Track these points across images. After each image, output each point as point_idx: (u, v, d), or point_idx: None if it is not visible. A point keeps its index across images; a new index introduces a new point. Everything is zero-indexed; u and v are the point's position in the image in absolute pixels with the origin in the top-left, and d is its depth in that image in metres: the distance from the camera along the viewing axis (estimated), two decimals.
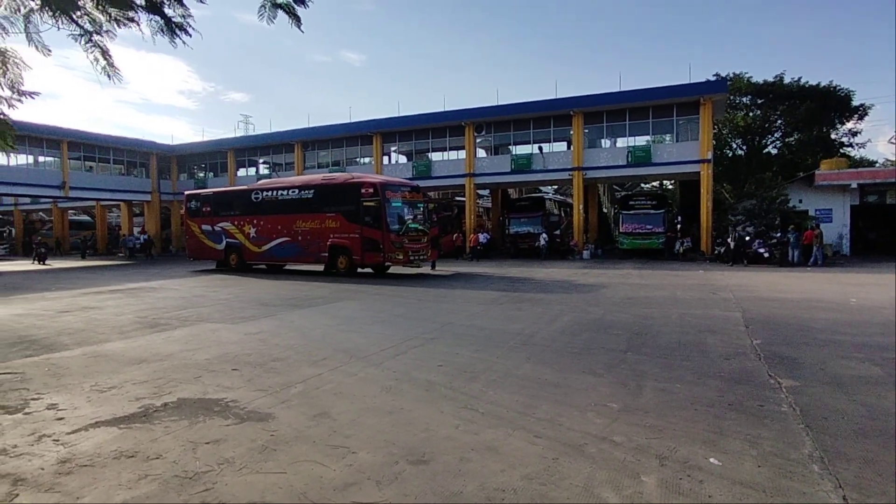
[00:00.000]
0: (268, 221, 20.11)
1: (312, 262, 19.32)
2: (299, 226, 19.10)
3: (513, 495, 3.10)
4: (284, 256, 19.93)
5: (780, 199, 24.79)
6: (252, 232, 20.54)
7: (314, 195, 18.91)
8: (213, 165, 39.80)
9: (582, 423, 4.24)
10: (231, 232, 21.24)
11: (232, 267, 21.29)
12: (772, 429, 4.09)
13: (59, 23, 3.85)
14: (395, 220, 17.28)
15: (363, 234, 17.40)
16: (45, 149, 32.99)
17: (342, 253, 18.06)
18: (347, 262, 17.96)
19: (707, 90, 25.51)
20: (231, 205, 21.69)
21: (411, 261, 17.55)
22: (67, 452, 3.79)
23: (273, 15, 4.43)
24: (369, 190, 17.27)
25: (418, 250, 17.84)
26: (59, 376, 5.86)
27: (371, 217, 17.23)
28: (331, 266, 18.56)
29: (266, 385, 5.39)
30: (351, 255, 17.80)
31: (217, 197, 22.75)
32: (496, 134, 30.73)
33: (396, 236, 17.06)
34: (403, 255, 17.18)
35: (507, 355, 6.59)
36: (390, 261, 17.34)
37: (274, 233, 19.86)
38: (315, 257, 18.86)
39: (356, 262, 17.83)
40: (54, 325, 9.23)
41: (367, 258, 17.58)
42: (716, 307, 10.39)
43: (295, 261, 19.95)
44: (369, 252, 17.38)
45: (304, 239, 19.00)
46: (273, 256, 20.23)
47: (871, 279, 15.54)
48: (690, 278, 16.29)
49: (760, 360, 6.20)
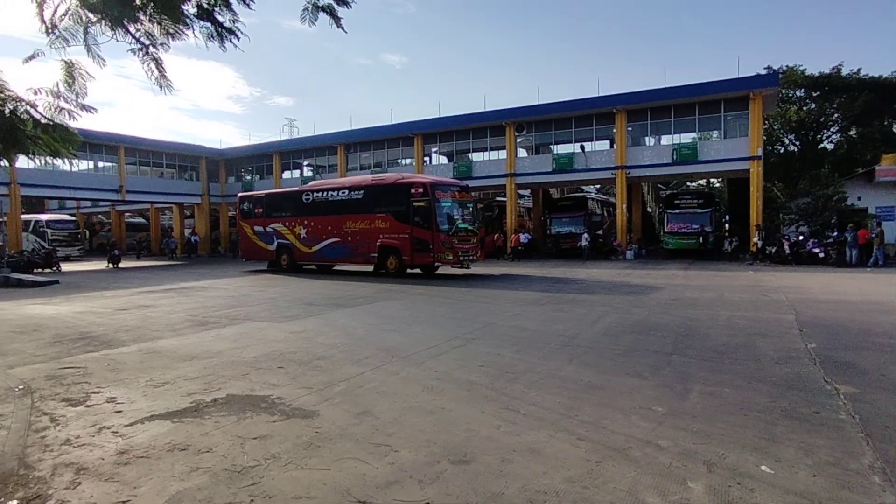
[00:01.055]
0: (318, 222, 20.32)
1: (362, 262, 19.32)
2: (349, 226, 19.21)
3: (555, 498, 3.07)
4: (334, 257, 20.07)
5: (837, 196, 23.66)
6: (303, 233, 20.75)
7: (364, 196, 19.00)
8: (260, 168, 40.90)
9: (626, 427, 4.16)
10: (282, 233, 21.51)
11: (283, 267, 21.51)
12: (828, 437, 3.91)
13: (117, 35, 4.04)
14: (445, 219, 17.18)
15: (413, 234, 17.33)
16: (104, 154, 34.66)
17: (392, 253, 18.06)
18: (397, 263, 17.95)
19: (757, 84, 24.57)
20: (282, 206, 21.96)
21: (461, 261, 17.40)
22: (125, 444, 3.97)
23: (315, 17, 4.51)
24: (419, 190, 17.22)
25: (468, 250, 17.66)
26: (117, 371, 6.14)
27: (421, 217, 17.18)
28: (380, 266, 18.58)
29: (310, 383, 5.50)
30: (400, 255, 17.76)
31: (269, 198, 23.04)
32: (537, 133, 30.45)
33: (446, 236, 16.96)
34: (453, 255, 17.08)
35: (548, 356, 6.52)
36: (440, 261, 17.22)
37: (324, 233, 20.07)
38: (365, 258, 18.90)
39: (406, 263, 17.78)
40: (112, 322, 9.68)
41: (417, 258, 17.50)
42: (767, 309, 10.01)
43: (345, 261, 20.03)
44: (419, 252, 17.31)
45: (353, 239, 19.11)
46: (323, 257, 20.40)
47: None
48: (739, 279, 15.74)
49: (816, 365, 5.94)
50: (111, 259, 26.20)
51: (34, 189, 31.57)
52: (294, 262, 21.34)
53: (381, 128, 34.07)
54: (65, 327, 9.19)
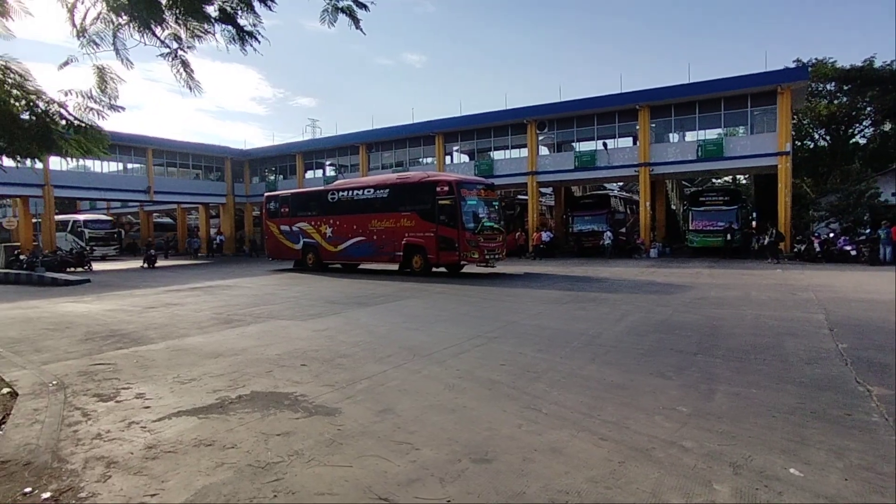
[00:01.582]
0: (343, 221, 20.36)
1: (387, 261, 19.29)
2: (374, 225, 19.20)
3: (577, 498, 3.05)
4: (360, 256, 20.10)
5: (870, 192, 23.01)
6: (328, 232, 20.85)
7: (389, 194, 18.96)
8: (283, 168, 41.39)
9: (649, 427, 4.11)
10: (308, 232, 21.63)
11: (309, 266, 21.64)
12: (860, 440, 3.81)
13: (145, 38, 4.13)
14: (471, 218, 17.07)
15: (438, 232, 17.26)
16: (132, 156, 35.48)
17: (417, 252, 18.01)
18: (422, 262, 17.90)
19: (785, 78, 24.01)
20: (308, 205, 22.07)
21: (487, 260, 17.30)
22: (153, 439, 4.06)
23: (334, 18, 4.54)
24: (445, 188, 17.13)
25: (493, 249, 17.58)
26: (145, 368, 6.28)
27: (446, 216, 17.08)
28: (405, 265, 18.54)
29: (333, 380, 5.55)
30: (426, 254, 17.71)
31: (295, 198, 23.12)
32: (559, 131, 30.22)
33: (472, 235, 16.85)
34: (479, 253, 16.99)
35: (570, 355, 6.48)
36: (466, 259, 17.09)
37: (349, 232, 20.09)
38: (390, 256, 18.88)
39: (431, 262, 17.73)
40: (141, 320, 9.90)
41: (443, 257, 17.42)
42: (795, 308, 9.78)
43: (370, 260, 20.03)
44: (444, 251, 17.23)
45: (378, 238, 19.09)
46: (349, 256, 20.45)
47: None
48: (767, 278, 15.41)
49: (847, 366, 5.79)
50: (147, 259, 25.67)
51: (67, 190, 32.44)
52: (320, 261, 21.44)
53: (403, 127, 34.18)
54: (96, 325, 9.43)
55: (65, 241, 33.80)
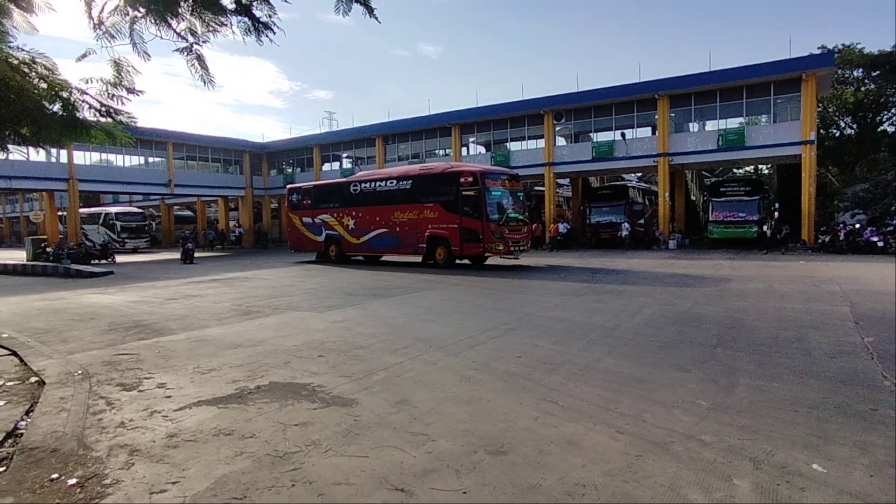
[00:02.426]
0: (366, 213, 20.19)
1: (410, 253, 19.10)
2: (397, 217, 19.03)
3: (594, 491, 3.03)
4: (382, 248, 19.95)
5: None
6: (351, 224, 20.68)
7: (412, 185, 18.74)
8: (300, 161, 41.66)
9: (668, 421, 4.06)
10: (330, 224, 21.50)
11: (331, 258, 21.54)
12: (887, 436, 3.73)
13: (161, 31, 4.17)
14: (495, 209, 16.80)
15: (462, 224, 17.01)
16: (153, 150, 35.94)
17: (440, 244, 17.80)
18: (446, 253, 17.69)
19: (810, 65, 23.41)
20: (330, 197, 21.90)
21: (511, 251, 17.01)
22: (175, 427, 4.13)
23: (349, 8, 4.53)
24: (469, 179, 16.85)
25: (518, 240, 17.28)
26: (167, 358, 6.39)
27: (470, 207, 16.82)
28: (428, 257, 18.33)
29: (350, 371, 5.59)
30: (449, 245, 17.48)
31: (317, 189, 23.00)
32: (576, 121, 29.92)
33: (496, 226, 16.58)
34: (504, 245, 16.71)
35: (587, 348, 6.44)
36: (490, 251, 16.86)
37: (372, 224, 19.92)
38: (413, 248, 18.71)
39: (455, 253, 17.48)
40: (162, 311, 10.07)
41: (467, 249, 17.18)
42: (820, 301, 9.59)
43: (393, 252, 19.88)
44: (469, 242, 16.98)
45: (401, 230, 18.93)
46: (371, 248, 20.30)
47: None
48: (789, 269, 15.13)
49: (873, 360, 5.67)
50: (185, 254, 23.46)
51: (90, 184, 33.04)
52: (342, 253, 21.34)
53: (419, 119, 34.14)
54: (119, 316, 9.61)
55: (97, 233, 34.25)
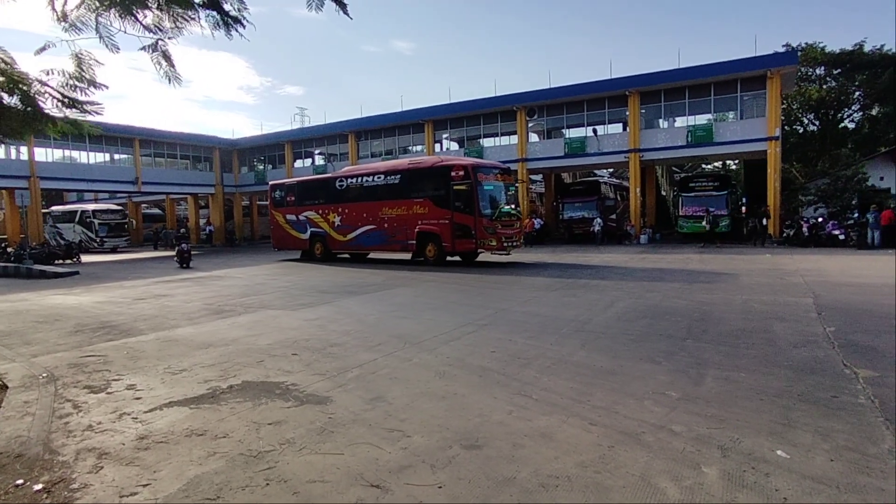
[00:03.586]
0: (353, 209, 19.59)
1: (399, 250, 18.51)
2: (385, 213, 18.41)
3: (567, 483, 3.08)
4: (370, 245, 19.35)
5: (858, 177, 23.18)
6: (337, 220, 20.09)
7: (400, 180, 18.15)
8: (272, 158, 41.11)
9: (639, 412, 4.15)
10: (315, 221, 20.88)
11: (317, 256, 20.94)
12: (847, 421, 3.87)
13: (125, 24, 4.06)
14: (488, 203, 16.25)
15: (454, 219, 16.48)
16: (119, 147, 34.99)
17: (431, 240, 17.26)
18: (436, 250, 17.15)
19: (775, 63, 24.03)
20: (315, 193, 21.24)
21: (505, 247, 16.45)
22: (145, 429, 4.06)
23: (321, 4, 4.47)
24: (460, 173, 16.27)
25: (511, 236, 16.79)
26: (136, 359, 6.26)
27: (462, 201, 16.25)
28: (418, 254, 17.79)
29: (324, 369, 5.56)
30: (440, 242, 16.96)
31: (301, 186, 22.27)
32: (549, 117, 30.15)
33: (489, 221, 16.02)
34: (497, 241, 16.15)
35: (561, 342, 6.51)
36: (483, 247, 16.30)
37: (359, 221, 19.33)
38: (402, 245, 18.13)
39: (446, 250, 16.95)
40: (131, 311, 9.84)
41: (458, 245, 16.66)
42: (784, 292, 9.88)
43: (381, 249, 19.24)
44: (460, 238, 16.47)
45: (390, 226, 18.33)
46: (359, 245, 19.70)
47: None
48: (756, 262, 15.54)
49: (834, 349, 5.86)
50: (180, 256, 19.74)
51: (53, 182, 31.96)
52: (328, 251, 20.72)
53: (392, 115, 33.98)
54: (85, 317, 9.37)
55: (73, 232, 32.98)
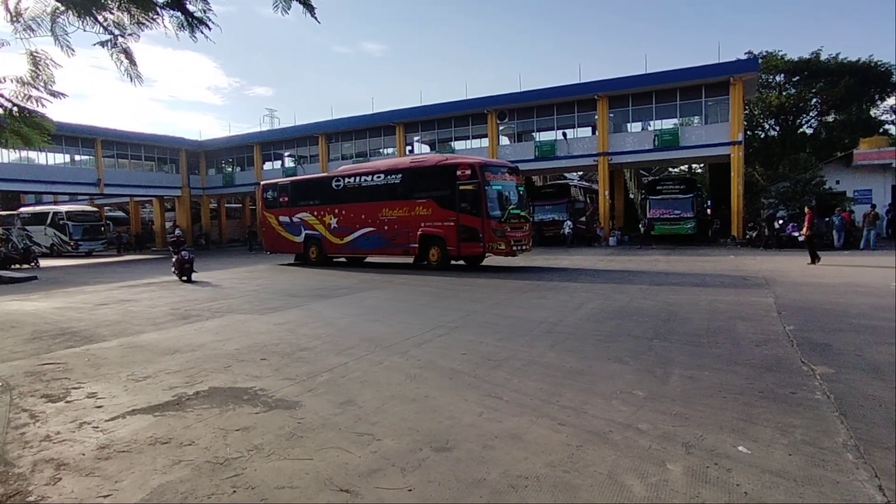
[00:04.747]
0: (350, 210, 18.53)
1: (400, 254, 17.57)
2: (385, 214, 17.41)
3: (536, 483, 3.11)
4: (369, 248, 18.34)
5: (816, 180, 24.02)
6: (333, 222, 19.01)
7: (402, 180, 17.19)
8: (240, 160, 40.47)
9: (607, 411, 4.21)
10: (310, 223, 19.77)
11: (312, 260, 19.84)
12: (804, 417, 4.00)
13: (84, 23, 3.94)
14: (496, 204, 15.42)
15: (460, 221, 15.56)
16: (80, 147, 33.96)
17: (435, 243, 16.30)
18: (440, 254, 16.21)
19: (737, 69, 24.76)
20: (310, 193, 20.15)
21: (514, 250, 15.66)
22: (106, 439, 3.94)
23: (287, 6, 4.42)
24: (466, 172, 15.43)
25: (520, 239, 15.96)
26: (97, 366, 6.07)
27: (468, 202, 15.36)
28: (421, 258, 16.87)
29: (293, 374, 5.49)
30: (445, 245, 15.99)
31: (295, 185, 21.17)
32: (519, 121, 30.45)
33: (498, 223, 15.18)
34: (506, 244, 15.33)
35: (531, 343, 6.57)
36: (491, 251, 15.45)
37: (357, 223, 18.28)
38: (403, 249, 17.18)
39: (451, 254, 16.04)
40: (93, 317, 9.55)
41: (465, 249, 15.75)
42: (747, 293, 10.17)
43: (381, 253, 18.22)
44: (467, 242, 15.55)
45: (390, 229, 17.33)
46: (357, 248, 18.66)
47: None
48: (721, 263, 15.95)
49: (793, 347, 6.06)
50: (179, 266, 15.43)
51: (8, 184, 30.99)
52: (324, 255, 19.59)
53: (363, 117, 33.84)
54: (44, 323, 9.05)
55: (44, 235, 31.65)
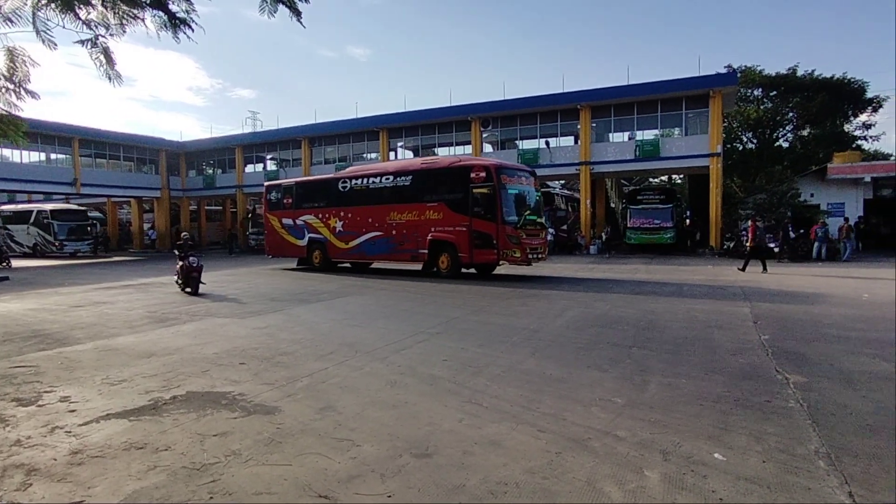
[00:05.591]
0: (357, 213, 17.83)
1: (408, 259, 16.84)
2: (394, 218, 16.72)
3: (515, 489, 3.12)
4: (375, 253, 17.57)
5: (791, 192, 24.57)
6: (338, 226, 18.27)
7: (412, 182, 16.50)
8: (222, 162, 40.08)
9: (586, 418, 4.24)
10: (314, 226, 19.06)
11: (315, 265, 19.19)
12: (778, 424, 4.07)
13: (65, 19, 3.89)
14: (512, 209, 14.67)
15: (472, 226, 14.87)
16: (56, 146, 33.35)
17: (445, 249, 15.58)
18: (450, 261, 15.47)
19: (717, 83, 25.29)
20: (315, 195, 19.42)
21: (529, 259, 14.84)
22: (79, 444, 3.86)
23: (274, 9, 4.42)
24: (481, 174, 14.74)
25: (536, 247, 15.22)
26: (71, 369, 5.95)
27: (482, 207, 14.69)
28: (430, 265, 16.19)
29: (273, 379, 5.44)
30: (456, 251, 15.25)
31: (300, 187, 20.39)
32: (502, 129, 30.67)
33: (513, 230, 14.44)
34: (521, 251, 14.55)
35: (511, 350, 6.60)
36: (506, 259, 14.64)
37: (364, 226, 17.57)
38: (412, 254, 16.43)
39: (462, 261, 15.26)
40: (67, 319, 9.36)
41: (477, 256, 15.01)
42: (724, 302, 10.34)
43: (388, 258, 17.47)
44: (480, 248, 14.84)
45: (398, 233, 16.64)
46: (362, 253, 17.90)
47: (885, 274, 15.37)
48: (699, 273, 16.20)
49: (768, 356, 6.17)
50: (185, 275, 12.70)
51: None
52: (328, 259, 18.91)
53: (347, 121, 33.79)
54: (16, 325, 8.84)
55: (26, 234, 30.79)
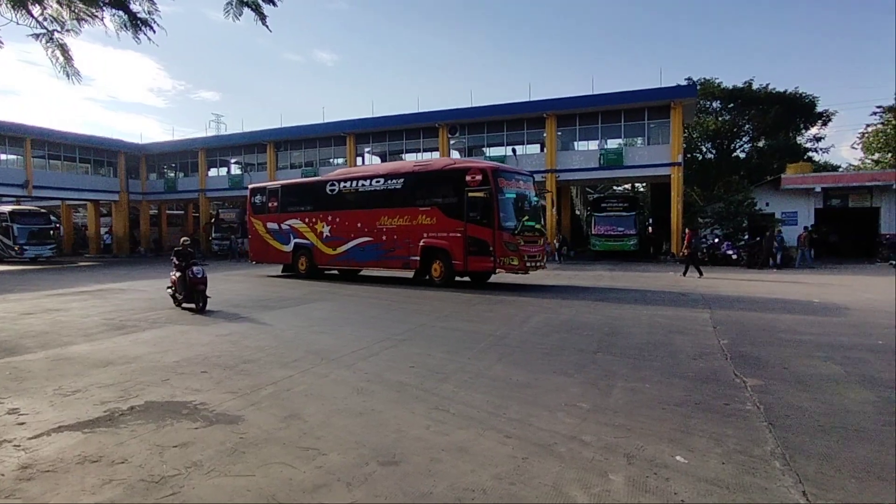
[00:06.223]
0: (345, 218, 17.04)
1: (399, 267, 16.16)
2: (384, 223, 16.01)
3: (482, 495, 3.12)
4: (364, 260, 16.82)
5: (747, 202, 25.43)
6: (326, 230, 17.46)
7: (404, 185, 15.80)
8: (184, 165, 39.12)
9: (552, 423, 4.28)
10: (300, 231, 18.22)
11: (301, 272, 18.30)
12: (736, 427, 4.19)
13: (17, 16, 3.74)
14: (510, 215, 13.96)
15: (467, 232, 14.15)
16: (6, 146, 31.99)
17: (438, 256, 14.90)
18: (443, 269, 14.79)
19: (677, 94, 26.04)
20: (302, 199, 18.66)
21: (527, 267, 14.24)
22: (29, 458, 3.69)
23: (239, 12, 4.35)
24: (477, 177, 14.03)
25: (535, 255, 14.59)
26: (20, 380, 5.69)
27: (478, 211, 13.97)
28: (422, 272, 15.42)
29: (236, 387, 5.32)
30: (450, 258, 14.56)
31: (286, 190, 19.50)
32: (470, 135, 30.84)
33: (511, 236, 13.74)
34: (519, 259, 13.87)
35: (478, 356, 6.62)
36: (503, 266, 13.90)
37: (352, 231, 16.80)
38: (403, 261, 15.73)
39: (456, 268, 14.54)
40: (16, 327, 8.95)
41: (472, 263, 14.26)
42: (685, 308, 10.61)
43: (378, 265, 16.77)
44: (475, 255, 14.11)
45: (389, 239, 15.91)
46: (351, 260, 17.10)
47: (834, 280, 16.06)
48: (661, 280, 16.59)
49: (727, 360, 6.35)
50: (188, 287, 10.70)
51: None
52: (314, 266, 18.03)
53: (313, 126, 33.46)
54: None
55: None
